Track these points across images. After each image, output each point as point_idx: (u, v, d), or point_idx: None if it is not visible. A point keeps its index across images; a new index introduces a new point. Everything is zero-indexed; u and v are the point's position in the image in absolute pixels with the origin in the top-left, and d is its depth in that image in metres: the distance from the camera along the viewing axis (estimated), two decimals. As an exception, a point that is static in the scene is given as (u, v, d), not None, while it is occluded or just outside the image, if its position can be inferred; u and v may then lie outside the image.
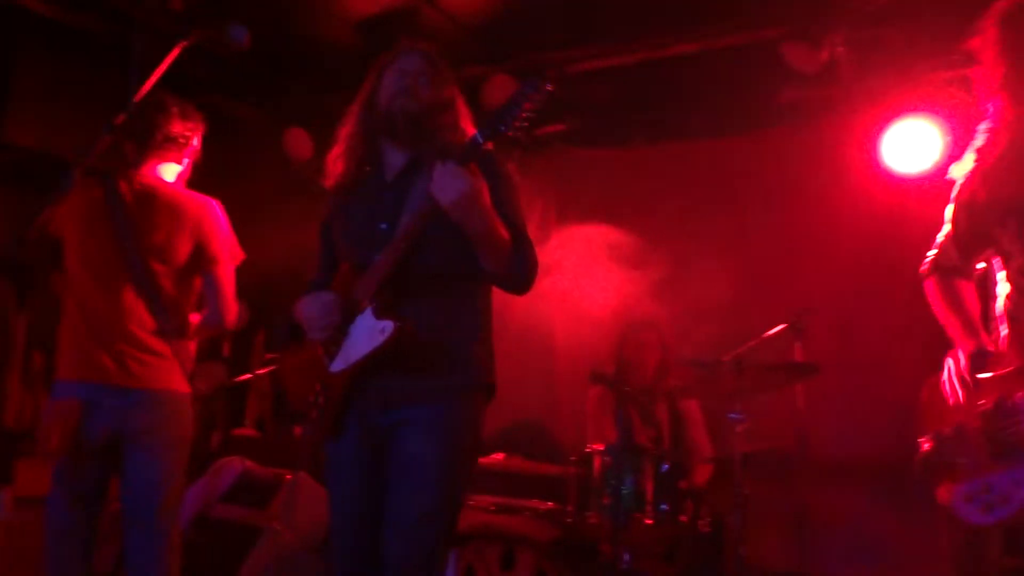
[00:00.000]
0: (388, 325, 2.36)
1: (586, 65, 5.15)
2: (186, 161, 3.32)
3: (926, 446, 2.46)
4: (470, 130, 2.59)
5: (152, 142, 3.21)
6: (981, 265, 2.61)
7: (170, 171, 3.28)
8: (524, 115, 2.26)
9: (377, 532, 2.44)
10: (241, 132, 5.88)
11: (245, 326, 5.28)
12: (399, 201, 2.50)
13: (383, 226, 2.49)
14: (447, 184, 2.26)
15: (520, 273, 2.44)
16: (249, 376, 5.20)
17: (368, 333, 2.40)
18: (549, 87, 2.26)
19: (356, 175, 2.66)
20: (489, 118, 2.30)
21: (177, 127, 3.23)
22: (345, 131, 2.70)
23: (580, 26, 4.94)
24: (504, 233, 2.38)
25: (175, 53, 3.05)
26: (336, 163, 2.70)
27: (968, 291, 2.58)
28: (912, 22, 4.57)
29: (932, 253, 2.65)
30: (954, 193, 2.53)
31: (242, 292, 3.40)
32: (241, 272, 3.36)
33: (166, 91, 3.16)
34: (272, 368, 5.18)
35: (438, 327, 2.44)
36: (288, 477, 4.25)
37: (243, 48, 3.06)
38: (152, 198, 3.16)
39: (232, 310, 3.24)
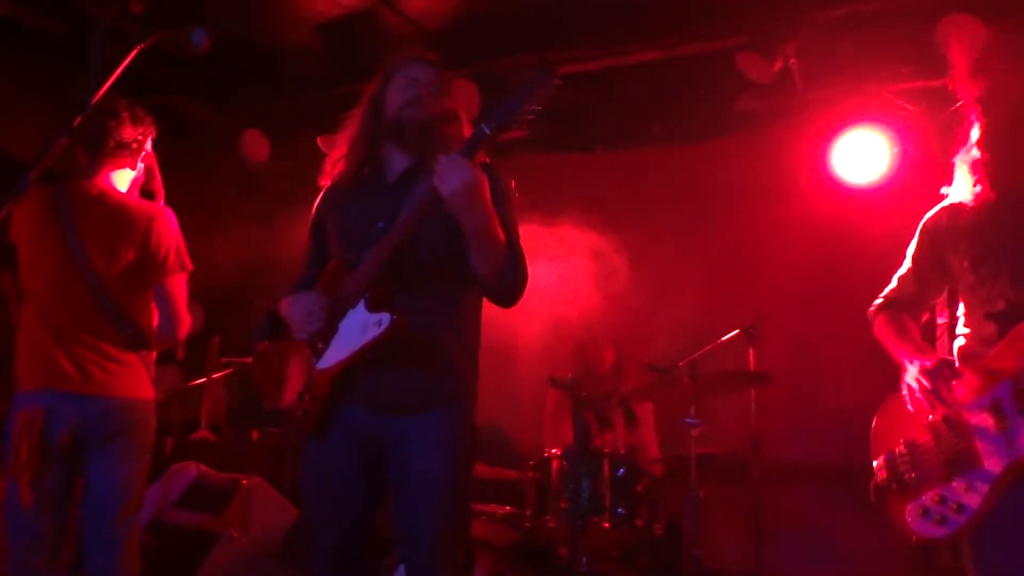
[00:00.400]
0: (385, 317, 2.30)
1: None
2: (140, 166, 3.27)
3: (879, 468, 2.51)
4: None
5: (105, 149, 3.12)
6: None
7: (124, 177, 3.21)
8: (530, 109, 2.23)
9: (359, 535, 2.43)
10: (198, 133, 5.81)
11: (199, 330, 5.23)
12: (398, 202, 2.44)
13: (380, 225, 2.43)
14: (450, 173, 2.21)
15: (511, 282, 2.41)
16: (204, 380, 5.16)
17: (361, 327, 2.34)
18: (556, 81, 2.24)
19: (355, 176, 2.60)
20: (495, 109, 2.26)
21: (128, 133, 3.14)
22: (348, 134, 2.64)
23: (542, 32, 4.98)
24: (501, 234, 2.35)
25: (133, 55, 3.03)
26: (337, 165, 2.65)
27: (911, 323, 2.65)
28: (862, 36, 4.68)
29: (884, 292, 2.72)
30: (920, 225, 2.61)
31: (196, 295, 3.35)
32: (196, 275, 3.31)
33: (116, 96, 3.09)
34: (228, 372, 5.14)
35: (427, 327, 2.41)
36: (244, 482, 4.21)
37: (204, 51, 3.05)
38: (101, 206, 3.09)
39: (184, 322, 3.15)
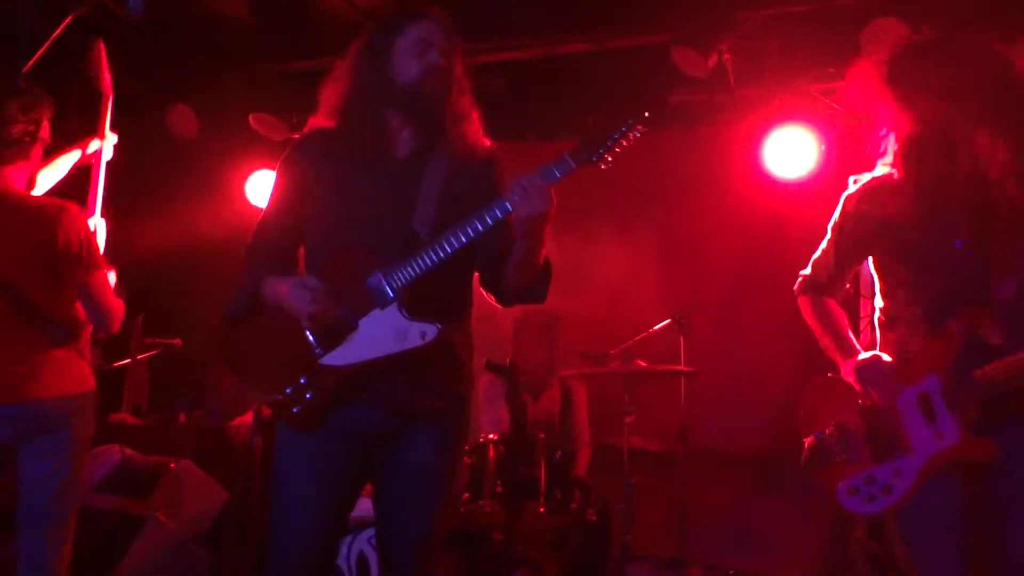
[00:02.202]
0: (430, 329, 2.24)
1: (484, 58, 5.18)
2: (39, 152, 3.03)
3: (809, 446, 2.61)
4: (474, 111, 2.48)
5: None
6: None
7: (21, 172, 2.99)
8: (619, 149, 2.26)
9: (334, 530, 2.40)
10: (122, 107, 5.60)
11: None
12: (412, 184, 2.37)
13: (397, 211, 2.34)
14: (531, 198, 2.20)
15: (536, 295, 2.44)
16: (128, 361, 5.01)
17: (396, 332, 2.26)
18: (641, 127, 2.27)
19: (349, 141, 2.41)
20: (586, 143, 2.27)
21: (17, 129, 2.91)
22: (339, 89, 2.45)
23: (480, 19, 4.94)
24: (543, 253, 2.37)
25: (69, 21, 2.92)
26: (324, 119, 2.47)
27: (836, 309, 2.73)
28: (790, 37, 4.81)
29: (805, 272, 2.79)
30: (840, 206, 2.68)
31: (120, 274, 3.23)
32: (119, 254, 3.19)
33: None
34: (153, 353, 5.01)
35: (449, 336, 2.33)
36: (173, 465, 4.12)
37: (138, 19, 2.95)
38: None
39: (114, 316, 2.98)
